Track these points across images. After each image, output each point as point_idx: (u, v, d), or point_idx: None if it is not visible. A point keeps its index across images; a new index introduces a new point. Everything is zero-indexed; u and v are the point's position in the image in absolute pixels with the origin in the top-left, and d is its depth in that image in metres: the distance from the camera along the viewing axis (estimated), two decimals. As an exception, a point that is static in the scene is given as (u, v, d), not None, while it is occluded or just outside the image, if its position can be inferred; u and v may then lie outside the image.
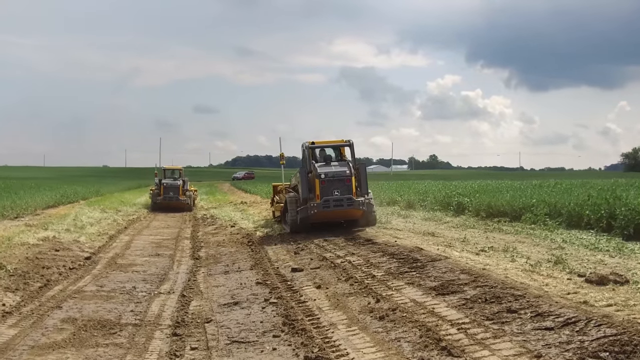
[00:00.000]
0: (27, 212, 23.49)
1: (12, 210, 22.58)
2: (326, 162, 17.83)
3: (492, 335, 6.27)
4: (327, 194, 16.78)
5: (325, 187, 16.85)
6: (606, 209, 15.90)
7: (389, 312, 7.60)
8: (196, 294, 9.90)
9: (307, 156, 17.91)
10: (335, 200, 16.74)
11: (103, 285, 10.59)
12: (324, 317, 7.77)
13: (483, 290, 8.05)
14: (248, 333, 7.42)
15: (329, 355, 6.17)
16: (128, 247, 15.84)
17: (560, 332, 6.16)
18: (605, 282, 8.37)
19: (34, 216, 22.68)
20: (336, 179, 16.97)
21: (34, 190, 34.44)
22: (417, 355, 5.96)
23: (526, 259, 10.82)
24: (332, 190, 16.82)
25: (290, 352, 6.50)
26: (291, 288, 9.78)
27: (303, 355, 6.25)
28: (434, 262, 10.40)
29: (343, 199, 16.77)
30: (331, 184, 16.93)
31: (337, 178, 16.98)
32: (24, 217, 21.94)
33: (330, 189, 16.84)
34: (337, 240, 14.81)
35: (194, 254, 14.53)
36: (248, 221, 22.17)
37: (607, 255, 11.34)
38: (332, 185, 16.91)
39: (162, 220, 25.29)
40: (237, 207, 31.69)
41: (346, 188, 16.92)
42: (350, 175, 17.01)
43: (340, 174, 17.06)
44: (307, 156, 17.91)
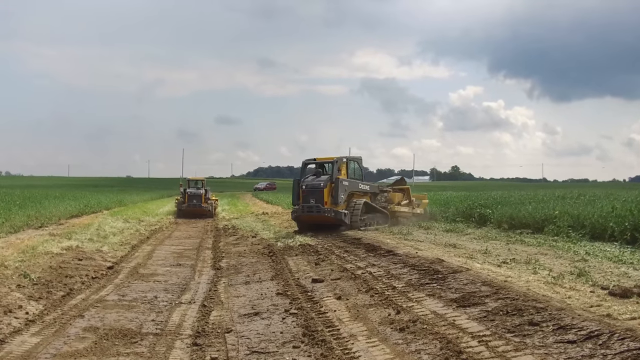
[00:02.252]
0: (51, 222, 23.74)
1: (37, 220, 22.84)
2: (315, 175, 21.57)
3: (514, 348, 6.20)
4: (306, 201, 20.90)
5: (305, 195, 20.93)
6: (630, 220, 15.75)
7: (409, 323, 7.56)
8: (217, 304, 9.93)
9: (301, 170, 22.27)
10: (308, 207, 20.86)
11: (125, 294, 10.67)
12: (344, 328, 7.76)
13: (504, 303, 7.98)
14: (268, 343, 7.43)
15: (348, 367, 6.16)
16: (150, 257, 15.94)
17: (582, 345, 6.08)
18: (629, 295, 8.26)
19: (58, 226, 22.90)
20: (312, 190, 20.88)
21: (58, 200, 34.77)
22: (438, 367, 5.93)
23: (548, 271, 10.71)
24: (309, 198, 20.82)
25: (310, 363, 6.50)
26: (311, 299, 9.77)
27: (323, 367, 6.24)
28: (455, 273, 10.33)
29: (313, 206, 20.80)
30: (309, 193, 20.92)
31: (313, 189, 20.90)
32: (48, 226, 22.15)
33: (308, 197, 20.86)
34: (358, 251, 14.78)
35: (215, 264, 14.59)
36: (269, 232, 22.19)
37: (631, 268, 11.20)
38: (310, 194, 20.88)
39: (184, 231, 25.43)
40: (259, 217, 31.78)
41: (320, 197, 20.71)
42: (323, 187, 20.77)
43: (315, 186, 20.97)
44: (301, 170, 22.27)
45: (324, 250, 15.45)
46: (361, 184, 22.39)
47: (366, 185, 22.72)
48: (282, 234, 20.68)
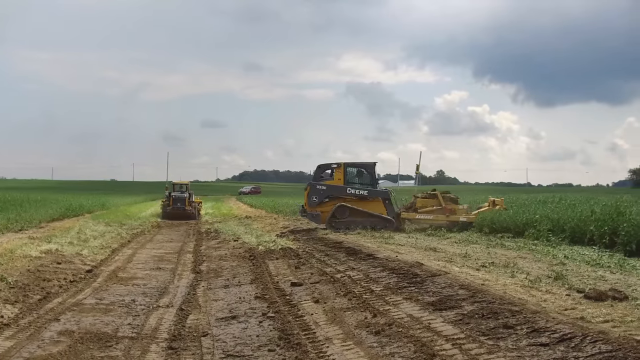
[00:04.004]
0: (32, 225, 23.57)
1: (17, 223, 22.68)
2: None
3: (487, 351, 6.24)
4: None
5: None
6: (609, 225, 15.87)
7: (385, 327, 7.58)
8: (194, 307, 9.88)
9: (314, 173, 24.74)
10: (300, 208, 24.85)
11: (102, 298, 10.58)
12: (320, 332, 7.76)
13: (481, 306, 8.03)
14: (243, 347, 7.41)
15: (322, 370, 6.16)
16: (130, 260, 15.84)
17: (555, 348, 6.13)
18: (603, 298, 8.34)
19: (39, 229, 22.75)
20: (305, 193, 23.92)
21: (39, 203, 34.56)
22: (410, 370, 5.94)
23: (526, 274, 10.78)
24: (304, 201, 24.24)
25: (284, 366, 6.49)
26: (289, 302, 9.76)
27: (296, 370, 6.24)
28: (433, 277, 10.38)
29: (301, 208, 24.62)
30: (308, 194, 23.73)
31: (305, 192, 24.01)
32: (28, 230, 22.00)
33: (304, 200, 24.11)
34: (339, 255, 14.81)
35: (195, 268, 14.52)
36: (251, 235, 22.15)
37: (608, 272, 11.30)
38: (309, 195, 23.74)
39: (166, 234, 25.31)
40: (242, 221, 31.77)
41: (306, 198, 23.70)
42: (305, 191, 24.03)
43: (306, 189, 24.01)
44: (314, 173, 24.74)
45: (305, 254, 15.46)
46: (350, 189, 23.22)
47: (363, 191, 23.28)
48: (264, 238, 20.64)
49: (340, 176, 23.43)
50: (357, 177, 23.91)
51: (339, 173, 23.51)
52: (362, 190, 23.33)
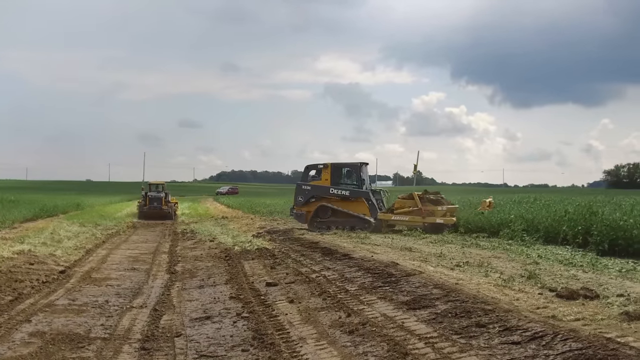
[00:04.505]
0: (4, 226, 23.30)
1: (-11, 224, 22.39)
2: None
3: (459, 350, 6.27)
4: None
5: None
6: (582, 224, 16.07)
7: (358, 326, 7.59)
8: (168, 308, 9.81)
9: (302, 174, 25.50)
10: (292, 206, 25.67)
11: (75, 299, 10.47)
12: (294, 332, 7.75)
13: (454, 305, 8.07)
14: (217, 347, 7.37)
15: (295, 370, 6.15)
16: (104, 261, 15.71)
17: (526, 346, 6.17)
18: (575, 296, 8.43)
19: (11, 230, 22.50)
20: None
21: (13, 204, 34.17)
22: (383, 369, 5.95)
23: (500, 274, 10.87)
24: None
25: (257, 366, 6.48)
26: (264, 302, 9.73)
27: (269, 370, 6.22)
28: (408, 276, 10.41)
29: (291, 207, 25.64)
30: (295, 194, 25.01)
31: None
32: (0, 230, 21.73)
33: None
34: (315, 255, 14.81)
35: (170, 269, 14.42)
36: (227, 236, 22.05)
37: (580, 271, 11.43)
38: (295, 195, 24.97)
39: (141, 235, 25.13)
40: (218, 221, 31.68)
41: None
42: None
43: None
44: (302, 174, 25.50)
45: (281, 254, 15.44)
46: (333, 189, 23.54)
47: (345, 191, 23.49)
48: (240, 238, 20.57)
49: (327, 176, 23.80)
50: (343, 178, 24.10)
51: (325, 173, 23.88)
52: (344, 190, 23.48)
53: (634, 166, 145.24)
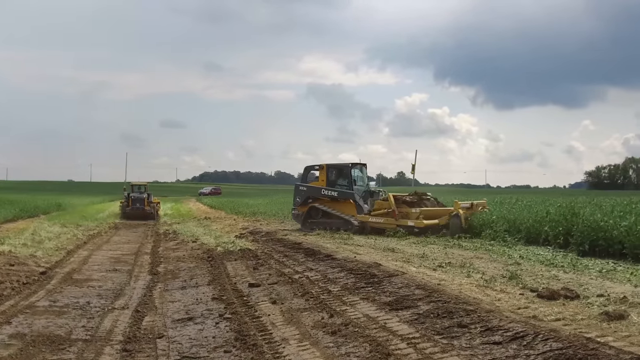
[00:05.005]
0: (-16, 227, 23.07)
1: (-32, 225, 22.17)
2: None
3: (441, 350, 6.30)
4: None
5: None
6: (564, 225, 16.18)
7: (341, 327, 7.60)
8: (150, 309, 9.77)
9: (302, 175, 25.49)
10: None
11: (56, 300, 10.40)
12: (276, 333, 7.74)
13: (436, 305, 8.10)
14: (199, 348, 7.35)
15: (277, 370, 6.15)
16: (86, 262, 15.61)
17: (507, 346, 6.21)
18: (556, 297, 8.49)
19: (-9, 230, 22.28)
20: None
21: (-7, 204, 33.88)
22: (365, 369, 5.97)
23: (482, 274, 10.93)
24: None
25: (240, 367, 6.46)
26: (247, 303, 9.71)
27: (252, 371, 6.21)
28: (390, 277, 10.44)
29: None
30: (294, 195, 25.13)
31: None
32: (-20, 231, 21.54)
33: None
34: (297, 256, 14.82)
35: (152, 270, 14.36)
36: (210, 236, 22.00)
37: (561, 271, 11.52)
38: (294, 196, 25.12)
39: (123, 236, 24.99)
40: (201, 222, 31.60)
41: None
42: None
43: None
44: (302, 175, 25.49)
45: (264, 255, 15.43)
46: (324, 190, 23.47)
47: (334, 192, 23.32)
48: (223, 239, 20.52)
49: (323, 177, 23.87)
50: (337, 179, 23.82)
51: (321, 174, 23.97)
52: (333, 191, 23.37)
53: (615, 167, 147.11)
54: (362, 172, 24.50)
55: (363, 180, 24.36)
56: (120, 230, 28.03)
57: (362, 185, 23.93)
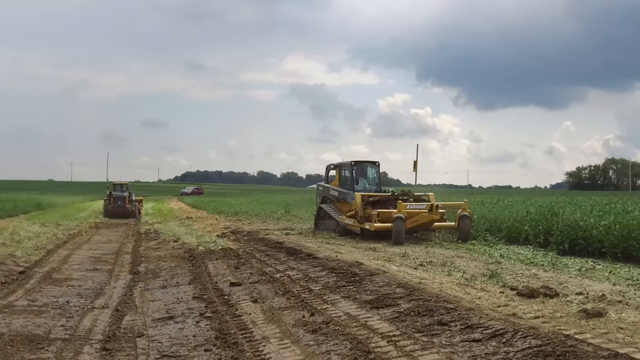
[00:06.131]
0: (-38, 226, 22.82)
1: (-54, 225, 21.92)
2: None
3: (421, 347, 6.32)
4: None
5: None
6: (544, 224, 16.30)
7: (322, 325, 7.60)
8: (131, 308, 9.71)
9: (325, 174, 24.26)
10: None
11: (35, 299, 10.29)
12: (257, 331, 7.72)
13: (417, 304, 8.14)
14: (179, 347, 7.31)
15: (257, 368, 6.14)
16: (65, 261, 15.47)
17: (487, 343, 6.25)
18: (535, 295, 8.54)
19: (-31, 230, 22.03)
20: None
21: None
22: (346, 367, 5.97)
23: (462, 273, 10.98)
24: None
25: (220, 365, 6.44)
26: (227, 302, 9.69)
27: (232, 369, 6.19)
28: (372, 276, 10.47)
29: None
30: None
31: None
32: (-42, 231, 21.29)
33: None
34: (279, 255, 14.82)
35: (133, 269, 14.26)
36: (192, 236, 21.91)
37: (541, 270, 11.59)
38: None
39: (104, 235, 24.81)
40: (182, 222, 31.47)
41: None
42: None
43: None
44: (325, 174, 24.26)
45: (245, 254, 15.39)
46: (332, 190, 22.31)
47: (335, 191, 22.13)
48: (205, 238, 20.45)
49: (337, 176, 22.75)
50: (345, 178, 22.32)
51: (336, 173, 22.87)
52: (335, 191, 22.19)
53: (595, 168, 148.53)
54: (373, 171, 22.76)
55: (374, 180, 22.55)
56: (101, 229, 27.82)
57: (372, 185, 22.16)
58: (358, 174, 21.96)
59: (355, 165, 21.98)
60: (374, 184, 22.26)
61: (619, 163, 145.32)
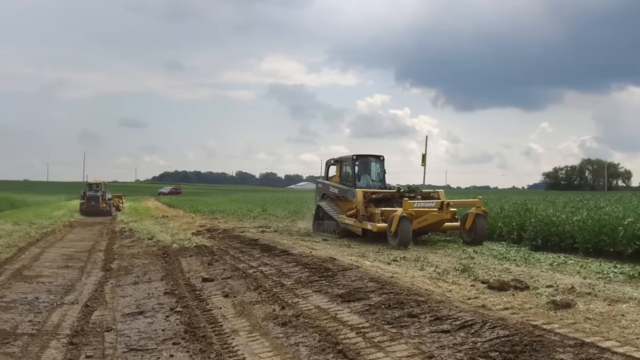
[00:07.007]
0: None
1: None
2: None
3: (389, 339, 6.31)
4: None
5: None
6: (517, 221, 16.38)
7: (292, 318, 7.56)
8: (101, 304, 9.61)
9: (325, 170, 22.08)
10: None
11: (3, 296, 10.14)
12: (227, 325, 7.68)
13: (388, 297, 8.12)
14: (148, 341, 7.24)
15: (224, 360, 6.09)
16: (37, 259, 15.28)
17: (455, 334, 6.25)
18: (506, 288, 8.56)
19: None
20: None
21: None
22: (313, 358, 5.94)
23: (435, 267, 11.01)
24: None
25: (187, 358, 6.38)
26: (199, 297, 9.62)
27: (199, 361, 6.14)
28: (345, 271, 10.44)
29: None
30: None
31: None
32: None
33: None
34: (253, 252, 14.75)
35: (105, 266, 14.12)
36: (166, 234, 21.78)
37: (513, 265, 11.65)
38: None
39: (78, 234, 24.59)
40: (158, 220, 31.27)
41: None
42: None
43: None
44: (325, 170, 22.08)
45: (219, 251, 15.30)
46: (332, 187, 20.29)
47: (335, 189, 20.12)
48: (180, 236, 20.34)
49: (337, 172, 20.68)
50: (345, 173, 20.27)
51: (337, 169, 20.78)
52: (335, 188, 20.13)
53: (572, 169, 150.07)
54: (377, 166, 20.48)
55: (378, 175, 20.39)
56: (75, 228, 27.58)
57: (376, 181, 20.16)
58: (360, 169, 20.00)
59: (358, 160, 19.92)
60: (378, 180, 20.22)
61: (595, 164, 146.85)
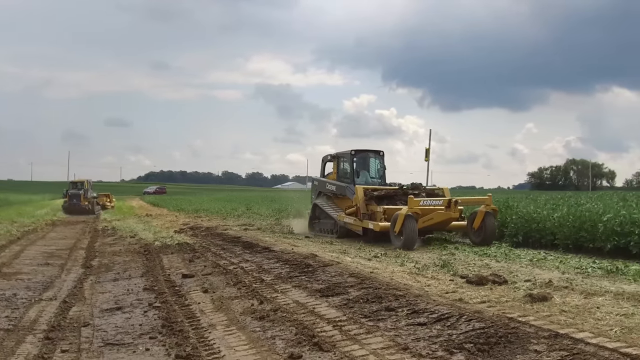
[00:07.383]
0: None
1: None
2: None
3: (366, 331, 6.32)
4: None
5: None
6: (499, 218, 16.44)
7: (270, 312, 7.55)
8: (79, 300, 9.54)
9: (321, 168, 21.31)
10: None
11: (-19, 293, 10.07)
12: (204, 319, 7.65)
13: (367, 292, 8.13)
14: (124, 336, 7.20)
15: (200, 354, 6.06)
16: (17, 256, 15.17)
17: (432, 327, 6.27)
18: (484, 282, 8.60)
19: None
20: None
21: None
22: (288, 351, 5.92)
23: (415, 263, 11.04)
24: None
25: (163, 351, 6.34)
26: (178, 293, 9.58)
27: (175, 354, 6.09)
28: (325, 267, 10.46)
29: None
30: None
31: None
32: None
33: None
34: (235, 249, 14.74)
35: (86, 263, 14.04)
36: (149, 232, 21.70)
37: (493, 260, 11.70)
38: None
39: (60, 232, 24.45)
40: (141, 219, 31.19)
41: None
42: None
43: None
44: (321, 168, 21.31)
45: (201, 249, 15.27)
46: (329, 184, 19.52)
47: (332, 186, 19.37)
48: (162, 234, 20.27)
49: (335, 169, 19.86)
50: (343, 170, 19.47)
51: (334, 165, 19.96)
52: (333, 185, 19.35)
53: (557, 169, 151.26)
54: (376, 162, 19.76)
55: (377, 171, 19.66)
56: (57, 227, 27.43)
57: (375, 178, 19.38)
58: (359, 165, 19.23)
59: (356, 155, 19.09)
60: (377, 177, 19.47)
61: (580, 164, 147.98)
